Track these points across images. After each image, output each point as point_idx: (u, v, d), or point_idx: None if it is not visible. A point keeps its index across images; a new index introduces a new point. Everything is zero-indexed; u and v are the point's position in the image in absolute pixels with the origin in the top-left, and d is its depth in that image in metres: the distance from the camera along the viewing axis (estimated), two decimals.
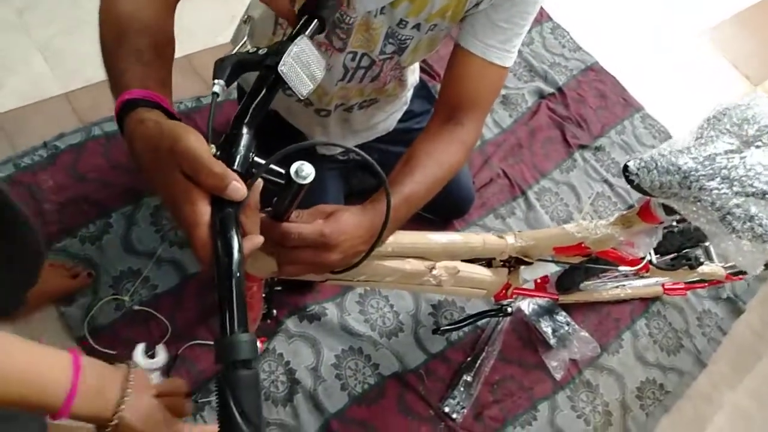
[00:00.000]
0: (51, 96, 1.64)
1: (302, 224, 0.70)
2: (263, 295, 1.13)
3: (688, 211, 0.86)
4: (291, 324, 1.44)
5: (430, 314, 1.56)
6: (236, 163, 0.56)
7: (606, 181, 2.01)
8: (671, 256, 1.20)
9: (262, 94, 0.60)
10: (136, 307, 1.38)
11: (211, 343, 1.36)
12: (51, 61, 1.71)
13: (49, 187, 1.49)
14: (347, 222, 0.73)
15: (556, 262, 1.17)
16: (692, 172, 0.84)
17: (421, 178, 0.83)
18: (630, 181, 0.90)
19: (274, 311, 1.22)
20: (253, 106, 0.59)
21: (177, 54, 0.69)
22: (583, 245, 1.06)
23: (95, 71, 1.70)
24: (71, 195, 1.49)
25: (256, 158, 0.58)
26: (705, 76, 2.53)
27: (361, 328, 1.49)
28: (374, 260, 0.95)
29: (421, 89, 1.43)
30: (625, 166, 0.90)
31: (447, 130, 0.91)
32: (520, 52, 2.15)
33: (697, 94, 2.42)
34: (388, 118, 1.35)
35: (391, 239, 0.89)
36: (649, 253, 1.13)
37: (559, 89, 2.17)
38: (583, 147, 2.06)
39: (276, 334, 1.42)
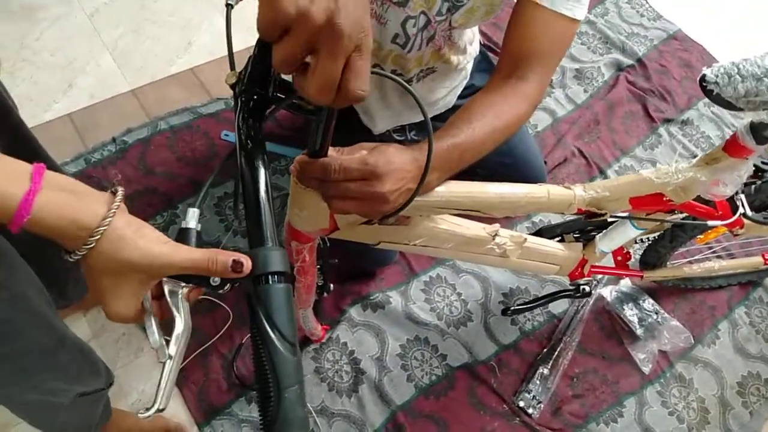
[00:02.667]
0: (119, 93, 1.68)
1: (344, 156, 0.67)
2: (318, 266, 1.09)
3: None
4: (354, 313, 1.39)
5: (500, 302, 1.47)
6: (262, 84, 0.55)
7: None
8: None
9: None
10: (201, 297, 1.38)
11: None
12: (119, 60, 1.75)
13: (119, 180, 1.52)
14: (394, 153, 0.69)
15: (633, 219, 1.03)
16: None
17: (477, 126, 0.78)
18: (708, 92, 0.77)
19: (331, 285, 1.16)
20: None
21: (182, 67, 0.65)
22: (664, 198, 0.93)
23: (160, 68, 1.74)
24: (140, 188, 1.52)
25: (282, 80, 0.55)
26: None
27: (426, 317, 1.42)
28: (430, 222, 0.89)
29: (482, 62, 1.34)
30: (703, 76, 0.77)
31: (509, 85, 0.84)
32: (593, 23, 2.05)
33: None
34: (448, 94, 1.28)
35: (443, 188, 0.81)
36: (743, 206, 0.99)
37: (639, 60, 2.00)
38: (668, 121, 1.89)
39: (339, 323, 1.38)
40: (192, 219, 0.50)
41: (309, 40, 0.41)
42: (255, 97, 0.58)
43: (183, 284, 0.49)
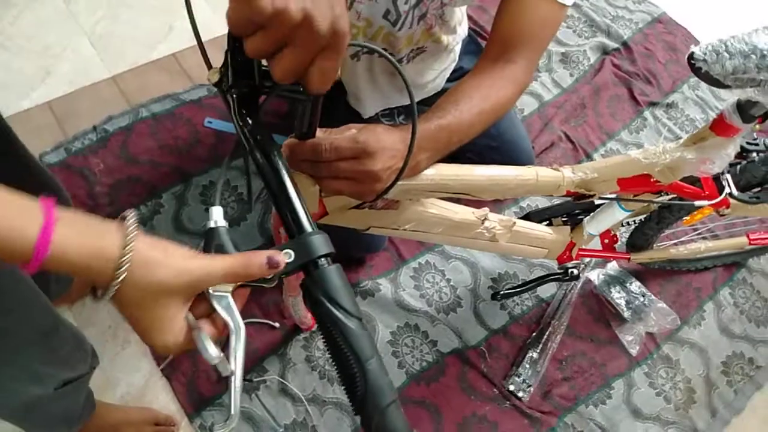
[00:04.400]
0: (99, 80, 1.64)
1: (333, 135, 0.68)
2: None
3: None
4: None
5: (489, 288, 1.47)
6: (248, 76, 0.54)
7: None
8: (755, 190, 1.06)
9: None
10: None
11: (266, 321, 1.32)
12: (97, 45, 1.71)
13: (101, 170, 1.49)
14: (383, 132, 0.70)
15: (620, 201, 1.04)
16: None
17: (465, 108, 0.79)
18: (697, 70, 0.77)
19: None
20: None
21: (163, 53, 0.63)
22: (651, 179, 0.93)
23: (140, 53, 1.70)
24: (122, 177, 1.49)
25: (264, 68, 0.55)
26: None
27: (416, 303, 1.42)
28: (419, 206, 0.89)
29: (470, 44, 1.34)
30: (691, 54, 0.77)
31: (498, 68, 0.85)
32: (579, 6, 2.05)
33: None
34: (437, 77, 1.27)
35: (432, 171, 0.82)
36: (729, 186, 1.00)
37: (624, 44, 2.00)
38: (653, 104, 1.90)
39: None
40: (218, 217, 0.48)
41: (283, 36, 0.43)
42: (244, 89, 0.56)
43: (229, 287, 0.47)
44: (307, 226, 0.50)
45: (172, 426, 1.21)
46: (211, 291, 0.46)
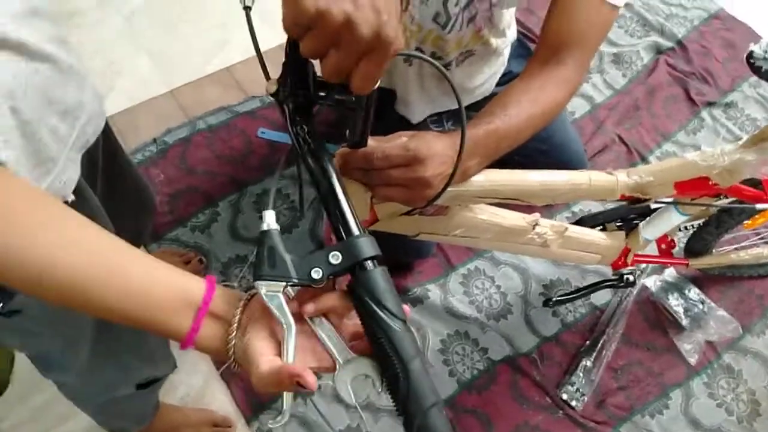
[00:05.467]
0: (158, 94, 1.72)
1: (384, 144, 0.69)
2: None
3: None
4: None
5: (540, 294, 1.45)
6: (304, 86, 0.56)
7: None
8: None
9: None
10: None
11: None
12: (156, 61, 1.79)
13: (161, 180, 1.55)
14: (433, 139, 0.71)
15: (677, 205, 1.01)
16: None
17: (513, 112, 0.78)
18: (757, 69, 0.75)
19: None
20: None
21: (217, 66, 0.66)
22: (710, 182, 0.91)
23: (195, 68, 1.76)
24: (181, 187, 1.55)
25: (319, 78, 0.57)
26: None
27: (466, 310, 1.41)
28: (468, 212, 0.89)
29: (519, 47, 1.33)
30: (750, 53, 0.75)
31: (547, 70, 0.84)
32: (631, 6, 2.00)
33: None
34: (486, 81, 1.27)
35: (482, 177, 0.82)
36: None
37: (679, 42, 1.94)
38: (710, 104, 1.83)
39: None
40: (270, 220, 0.51)
41: (329, 37, 0.45)
42: (300, 99, 0.58)
43: (280, 286, 0.49)
44: (355, 230, 0.51)
45: (228, 427, 1.25)
46: (263, 292, 0.48)
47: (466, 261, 1.49)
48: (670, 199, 1.02)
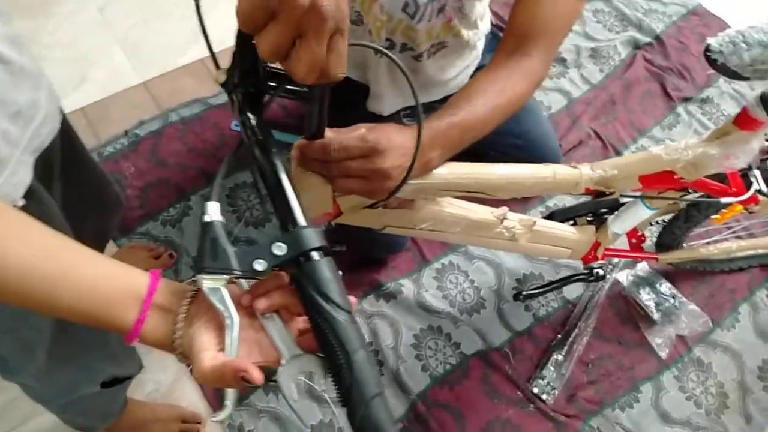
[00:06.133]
0: (130, 86, 1.69)
1: (342, 135, 0.68)
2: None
3: None
4: (366, 304, 1.40)
5: (513, 288, 1.45)
6: (253, 76, 0.55)
7: None
8: None
9: None
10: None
11: None
12: (129, 52, 1.76)
13: (132, 173, 1.53)
14: (393, 131, 0.70)
15: (644, 199, 1.02)
16: None
17: (479, 103, 0.78)
18: (713, 62, 0.75)
19: (340, 272, 1.17)
20: None
21: (192, 58, 0.65)
22: (675, 176, 0.91)
23: (170, 59, 1.74)
24: (152, 180, 1.53)
25: (270, 69, 0.57)
26: None
27: (439, 304, 1.41)
28: (435, 205, 0.89)
29: (493, 41, 1.32)
30: (707, 46, 0.75)
31: (513, 61, 0.84)
32: (609, 1, 2.00)
33: None
34: (460, 74, 1.26)
35: (445, 170, 0.81)
36: (758, 182, 0.96)
37: (657, 38, 1.94)
38: (687, 100, 1.84)
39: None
40: (213, 211, 0.49)
41: (296, 24, 0.42)
42: (250, 89, 0.57)
43: (222, 280, 0.48)
44: (301, 220, 0.50)
45: (198, 423, 1.24)
46: (205, 285, 0.47)
47: (440, 255, 1.48)
48: (637, 194, 1.03)
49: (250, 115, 0.57)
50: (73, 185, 0.87)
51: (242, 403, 1.27)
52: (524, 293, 1.31)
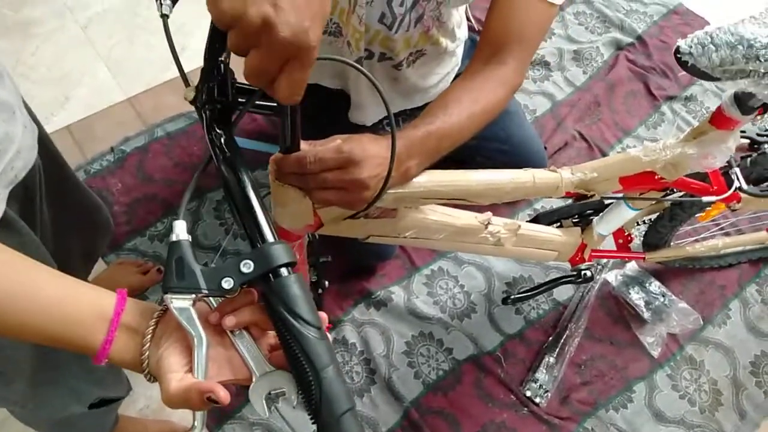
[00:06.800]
0: (115, 102, 1.69)
1: (318, 147, 0.68)
2: (311, 263, 1.09)
3: (760, 88, 0.73)
4: (357, 313, 1.39)
5: (504, 292, 1.45)
6: (221, 93, 0.56)
7: None
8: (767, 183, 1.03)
9: None
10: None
11: None
12: (113, 69, 1.76)
13: (118, 189, 1.53)
14: (368, 141, 0.70)
15: (627, 200, 1.02)
16: (759, 39, 0.70)
17: (454, 112, 0.79)
18: (683, 63, 0.76)
19: (326, 282, 1.17)
20: (221, 32, 0.59)
21: (176, 73, 0.66)
22: (655, 176, 0.91)
23: (154, 75, 1.74)
24: (139, 195, 1.53)
25: (238, 88, 0.58)
26: None
27: (430, 310, 1.41)
28: (418, 213, 0.89)
29: (472, 48, 1.32)
30: (677, 48, 0.76)
31: (488, 70, 0.85)
32: (590, 2, 2.02)
33: None
34: (440, 81, 1.27)
35: (424, 178, 0.81)
36: (738, 180, 0.97)
37: (639, 38, 1.96)
38: (671, 98, 1.85)
39: (343, 323, 1.37)
40: (180, 231, 0.49)
41: (247, 39, 0.44)
42: (218, 106, 0.58)
43: (189, 300, 0.48)
44: (269, 237, 0.50)
45: None
46: (172, 305, 0.47)
47: (429, 261, 1.48)
48: (619, 195, 1.03)
49: (219, 132, 0.57)
50: (59, 210, 0.87)
51: (235, 416, 1.27)
52: (513, 297, 1.31)
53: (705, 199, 0.99)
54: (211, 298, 0.51)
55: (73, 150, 1.59)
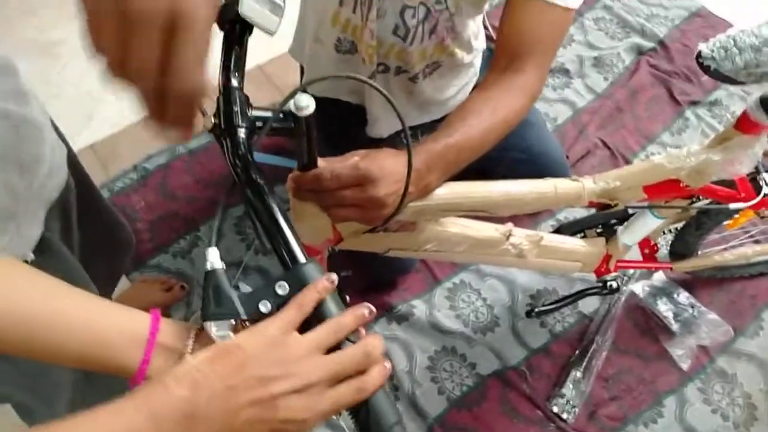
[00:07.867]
0: (138, 120, 1.71)
1: (335, 164, 0.68)
2: None
3: None
4: (378, 328, 1.38)
5: (527, 305, 1.43)
6: (239, 119, 0.57)
7: None
8: None
9: (235, 48, 0.61)
10: None
11: None
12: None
13: (141, 207, 1.55)
14: (386, 157, 0.70)
15: (652, 209, 1.00)
16: None
17: (474, 123, 0.78)
18: (706, 68, 0.74)
19: (347, 297, 1.17)
20: (233, 61, 0.60)
21: (248, 65, 0.65)
22: (680, 184, 0.89)
23: None
24: (162, 213, 1.54)
25: (255, 112, 0.59)
26: None
27: (452, 324, 1.39)
28: (438, 226, 0.88)
29: (491, 57, 1.31)
30: (699, 52, 0.74)
31: (506, 79, 0.84)
32: (610, 8, 1.99)
33: None
34: (458, 92, 1.26)
35: (444, 190, 0.81)
36: (767, 185, 0.95)
37: (661, 42, 1.93)
38: (695, 103, 1.81)
39: None
40: (214, 258, 0.50)
41: (105, 24, 0.38)
42: (237, 132, 0.58)
43: (230, 323, 0.49)
44: (301, 258, 0.51)
45: None
46: (213, 332, 0.48)
47: (451, 274, 1.47)
48: (644, 204, 1.01)
49: (240, 157, 0.57)
50: (87, 229, 0.88)
51: None
52: (537, 309, 1.28)
53: (732, 206, 0.96)
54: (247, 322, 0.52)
55: (97, 168, 1.61)
